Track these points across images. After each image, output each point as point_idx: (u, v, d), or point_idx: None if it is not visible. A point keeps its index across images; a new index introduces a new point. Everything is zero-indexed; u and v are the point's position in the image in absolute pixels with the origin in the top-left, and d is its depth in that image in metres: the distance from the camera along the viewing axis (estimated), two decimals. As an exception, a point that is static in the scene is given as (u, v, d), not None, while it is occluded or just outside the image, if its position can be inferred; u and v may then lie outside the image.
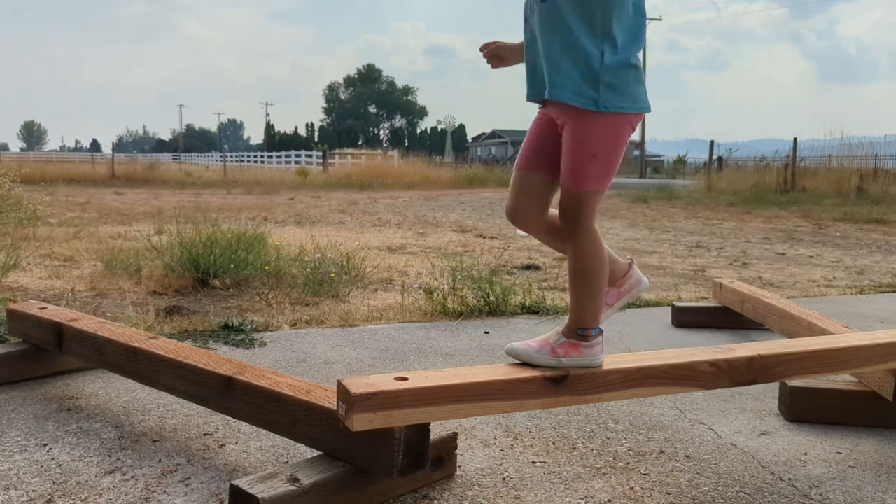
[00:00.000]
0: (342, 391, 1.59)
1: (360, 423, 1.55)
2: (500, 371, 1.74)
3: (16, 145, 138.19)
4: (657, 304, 4.35)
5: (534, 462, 2.00)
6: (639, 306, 4.26)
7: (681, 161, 40.65)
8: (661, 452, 2.09)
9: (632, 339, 3.44)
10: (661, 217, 11.65)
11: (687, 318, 3.70)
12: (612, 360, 1.89)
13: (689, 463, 2.03)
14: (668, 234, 9.03)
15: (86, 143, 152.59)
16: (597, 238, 1.80)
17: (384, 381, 1.62)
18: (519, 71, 1.91)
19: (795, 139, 18.38)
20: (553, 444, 2.13)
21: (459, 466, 1.92)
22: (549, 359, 1.79)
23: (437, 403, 1.62)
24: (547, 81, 1.74)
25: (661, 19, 47.45)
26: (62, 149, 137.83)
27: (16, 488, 1.76)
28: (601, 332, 1.85)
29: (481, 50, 2.02)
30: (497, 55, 2.01)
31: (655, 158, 57.52)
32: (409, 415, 1.59)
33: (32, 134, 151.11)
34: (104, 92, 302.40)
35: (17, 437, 2.07)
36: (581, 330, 1.81)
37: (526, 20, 1.82)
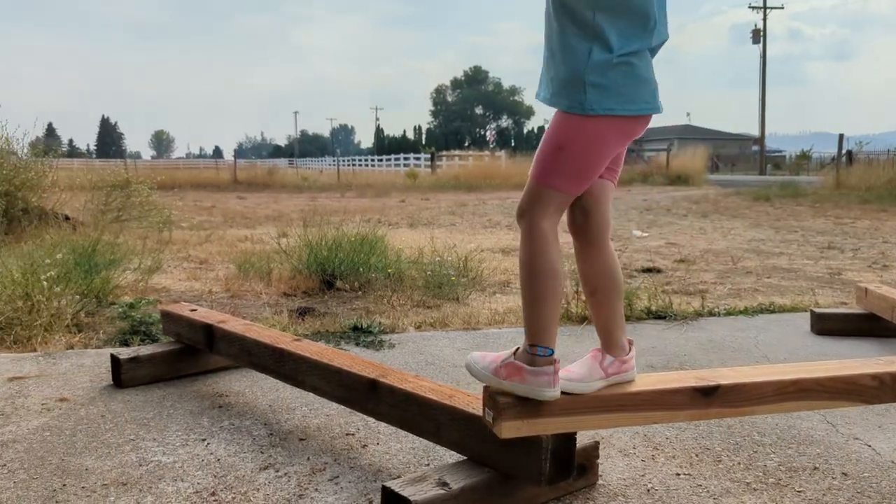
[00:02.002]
0: (489, 398, 1.60)
1: (509, 430, 1.55)
2: (647, 381, 1.71)
3: (147, 153, 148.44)
4: (792, 309, 4.14)
5: (678, 474, 1.94)
6: (772, 312, 4.07)
7: (804, 156, 38.41)
8: (815, 469, 1.99)
9: (769, 347, 3.28)
10: (787, 216, 11.07)
11: (829, 325, 3.49)
12: (764, 371, 1.81)
13: (847, 481, 1.91)
14: (795, 235, 8.57)
15: (209, 150, 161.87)
16: (546, 239, 1.58)
17: (531, 389, 1.62)
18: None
19: (937, 130, 16.96)
20: (696, 455, 2.07)
21: (600, 476, 1.89)
22: (490, 377, 1.60)
23: (584, 413, 1.61)
24: (541, 81, 1.64)
25: (782, 8, 44.99)
26: (188, 156, 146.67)
27: (182, 480, 1.88)
28: (552, 357, 1.56)
29: None
30: None
31: (776, 154, 54.70)
32: (556, 423, 1.59)
33: (162, 142, 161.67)
34: (224, 101, 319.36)
35: (177, 432, 2.21)
36: (539, 348, 1.56)
37: None
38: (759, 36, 42.85)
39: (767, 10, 42.85)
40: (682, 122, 66.03)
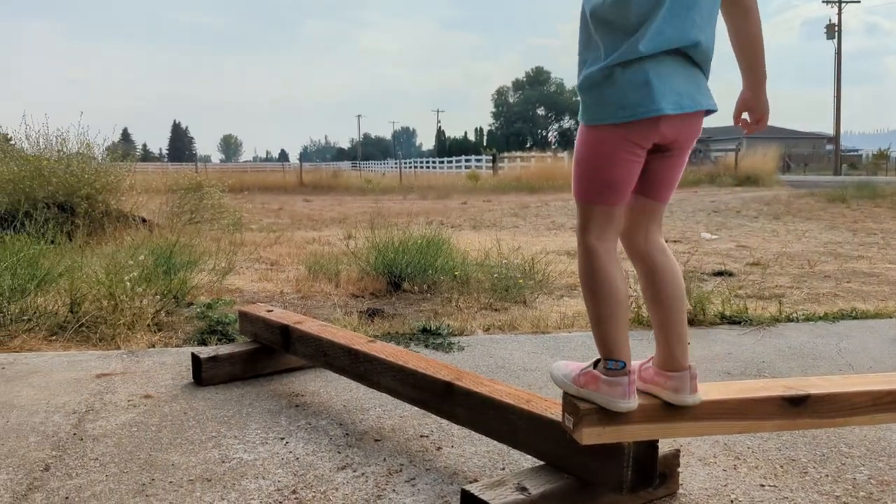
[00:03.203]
0: (569, 404, 1.59)
1: (590, 436, 1.54)
2: (732, 389, 1.66)
3: (216, 157, 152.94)
4: (875, 315, 3.97)
5: (762, 485, 1.89)
6: (854, 318, 3.91)
7: (882, 155, 36.83)
8: (909, 484, 1.90)
9: (853, 355, 3.16)
10: (864, 218, 10.63)
11: (917, 333, 3.34)
12: (855, 381, 1.74)
13: (945, 498, 1.82)
14: (874, 237, 8.22)
15: (275, 154, 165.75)
16: (594, 255, 1.60)
17: (611, 395, 1.60)
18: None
19: None
20: (780, 466, 2.00)
21: (681, 485, 1.85)
22: (569, 384, 1.63)
23: (667, 420, 1.58)
24: None
25: (859, 1, 43.17)
26: (255, 159, 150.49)
27: (264, 478, 1.93)
28: (625, 369, 1.56)
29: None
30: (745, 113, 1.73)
31: (851, 153, 52.60)
32: (638, 430, 1.56)
33: (230, 146, 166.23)
34: (289, 105, 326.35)
35: (257, 430, 2.27)
36: (610, 362, 1.58)
37: None
38: (833, 31, 41.28)
39: (842, 4, 41.23)
40: (751, 120, 63.93)
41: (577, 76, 1.61)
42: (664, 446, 1.79)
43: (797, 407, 1.63)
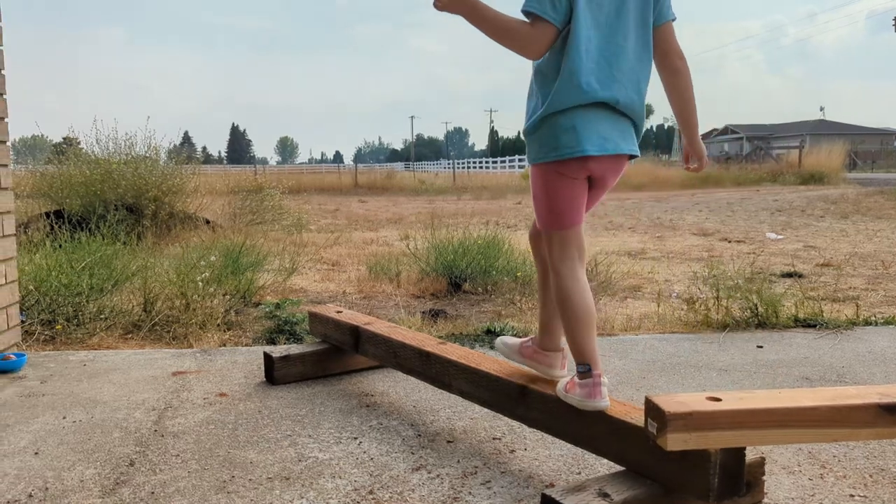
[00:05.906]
0: (652, 409, 1.56)
1: (675, 442, 1.50)
2: (823, 395, 1.60)
3: (273, 159, 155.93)
4: (961, 319, 3.79)
5: (851, 496, 1.82)
6: (938, 322, 3.74)
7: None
8: None
9: (939, 361, 3.02)
10: (941, 217, 10.18)
11: None
12: (955, 388, 1.66)
13: None
14: (953, 237, 7.86)
15: (330, 155, 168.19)
16: (557, 274, 1.85)
17: (697, 401, 1.56)
18: (754, 63, 1.83)
19: None
20: (870, 476, 1.93)
21: (766, 494, 1.80)
22: (562, 392, 1.85)
23: (756, 427, 1.53)
24: None
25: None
26: (310, 161, 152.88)
27: (340, 477, 1.94)
28: (589, 371, 1.80)
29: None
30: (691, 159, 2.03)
31: (922, 149, 50.36)
32: (725, 437, 1.52)
33: (286, 148, 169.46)
34: (344, 107, 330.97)
35: (330, 430, 2.29)
36: (579, 366, 1.82)
37: None
38: (902, 22, 39.64)
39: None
40: (815, 117, 62.06)
41: (524, 123, 1.87)
42: (748, 454, 1.74)
43: (894, 415, 1.56)
